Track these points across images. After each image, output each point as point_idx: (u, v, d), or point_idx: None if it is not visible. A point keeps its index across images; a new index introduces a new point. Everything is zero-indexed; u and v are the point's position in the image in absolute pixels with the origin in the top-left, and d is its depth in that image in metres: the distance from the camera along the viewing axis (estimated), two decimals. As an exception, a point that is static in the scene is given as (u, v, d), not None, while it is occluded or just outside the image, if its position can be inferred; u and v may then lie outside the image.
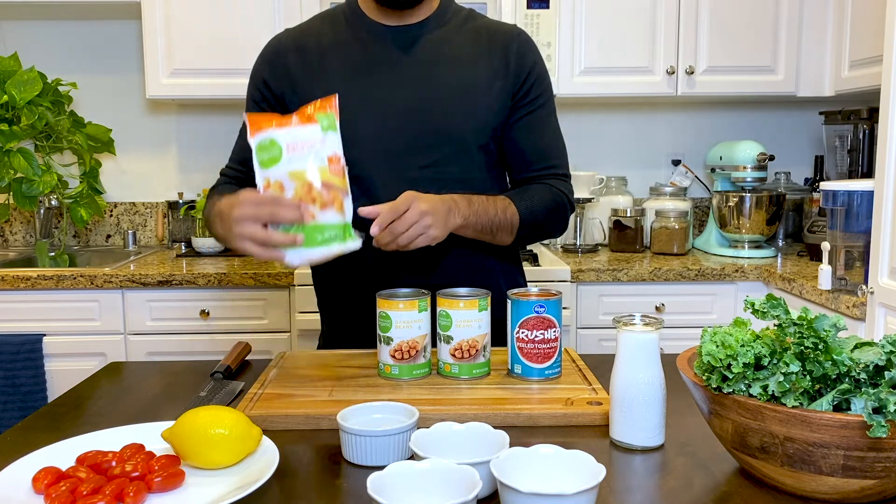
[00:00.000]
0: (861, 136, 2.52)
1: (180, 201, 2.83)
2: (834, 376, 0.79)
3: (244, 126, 1.44)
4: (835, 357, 0.78)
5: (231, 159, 1.47)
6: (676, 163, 2.97)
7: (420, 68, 1.36)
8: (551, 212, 1.40)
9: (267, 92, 1.40)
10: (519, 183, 1.45)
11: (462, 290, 1.20)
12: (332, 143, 1.14)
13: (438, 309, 1.18)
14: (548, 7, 2.51)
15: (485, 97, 1.37)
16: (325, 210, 1.12)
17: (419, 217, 1.17)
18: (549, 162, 1.43)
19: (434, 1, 1.40)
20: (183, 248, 2.81)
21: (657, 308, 2.39)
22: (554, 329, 1.16)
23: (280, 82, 1.39)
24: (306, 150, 1.12)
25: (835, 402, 0.77)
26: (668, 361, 0.99)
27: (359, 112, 1.33)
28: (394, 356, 1.17)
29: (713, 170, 2.77)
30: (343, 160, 1.15)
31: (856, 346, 0.82)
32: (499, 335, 1.27)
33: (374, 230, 1.17)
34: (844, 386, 0.77)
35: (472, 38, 1.40)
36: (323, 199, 1.12)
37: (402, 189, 1.24)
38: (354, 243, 1.14)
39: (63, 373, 2.29)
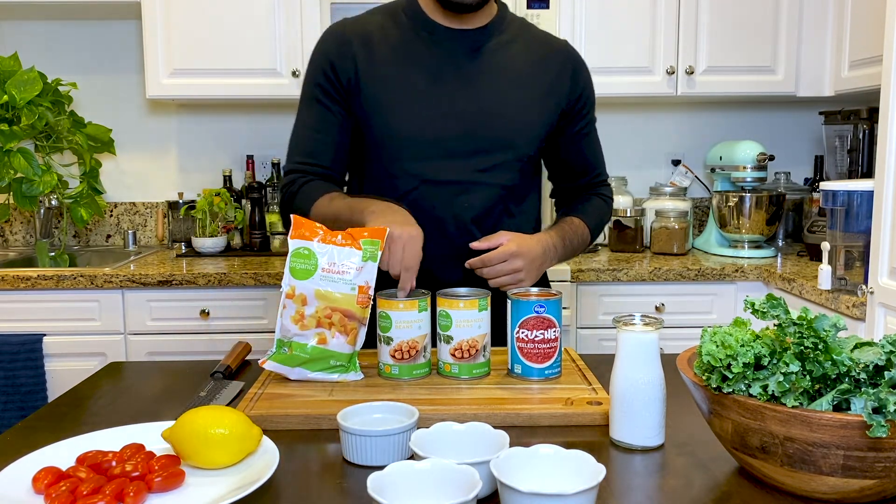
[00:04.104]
0: (861, 136, 2.52)
1: (180, 201, 2.82)
2: (834, 376, 0.79)
3: (306, 113, 1.40)
4: (835, 357, 0.78)
5: (298, 152, 1.41)
6: (676, 163, 2.97)
7: (482, 76, 1.38)
8: (606, 222, 1.59)
9: (333, 76, 1.38)
10: (565, 191, 1.58)
11: (462, 290, 1.20)
12: (368, 273, 1.16)
13: (438, 309, 1.18)
14: (548, 7, 2.51)
15: (540, 111, 1.42)
16: (338, 338, 1.15)
17: (512, 270, 1.29)
18: (597, 170, 1.57)
19: (493, 7, 1.42)
20: (183, 247, 2.81)
21: (657, 308, 2.39)
22: (554, 329, 1.16)
23: (346, 68, 1.37)
24: (342, 274, 1.15)
25: (835, 402, 0.77)
26: (668, 361, 0.99)
27: (422, 112, 1.36)
28: (394, 356, 1.17)
29: (713, 170, 2.77)
30: (372, 290, 1.17)
31: (856, 346, 0.82)
32: (499, 335, 1.28)
33: (468, 264, 1.30)
34: (844, 386, 0.77)
35: (528, 50, 1.43)
36: (340, 327, 1.15)
37: (456, 190, 1.36)
38: (356, 375, 1.18)
39: (63, 373, 2.29)
